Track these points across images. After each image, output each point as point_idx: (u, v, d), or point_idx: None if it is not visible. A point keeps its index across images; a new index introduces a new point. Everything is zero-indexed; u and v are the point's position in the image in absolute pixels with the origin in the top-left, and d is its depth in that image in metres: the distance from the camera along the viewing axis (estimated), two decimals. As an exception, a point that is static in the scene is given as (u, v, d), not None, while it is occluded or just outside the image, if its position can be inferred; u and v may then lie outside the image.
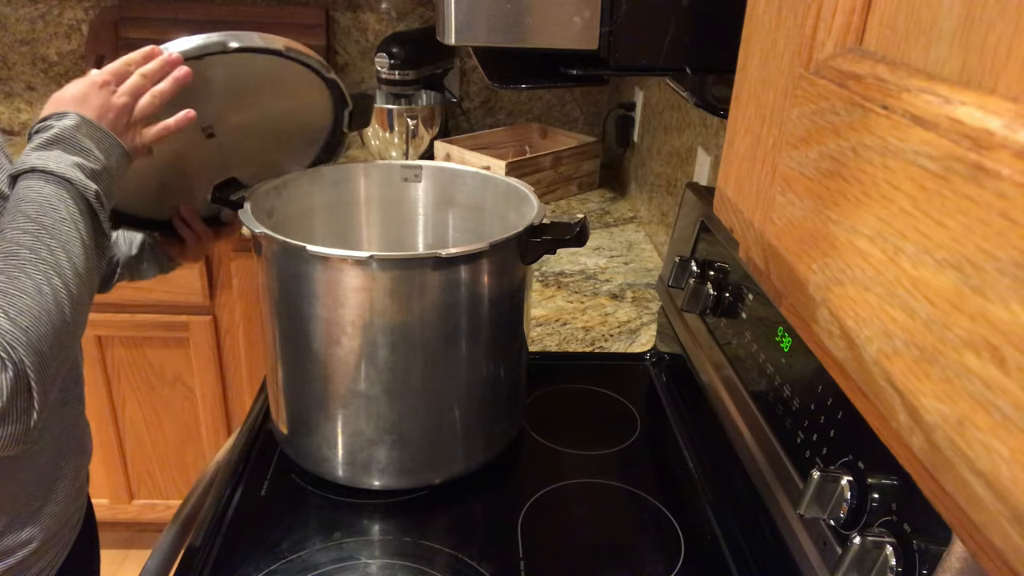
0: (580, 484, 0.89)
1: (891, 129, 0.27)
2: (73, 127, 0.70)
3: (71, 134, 0.69)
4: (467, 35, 0.63)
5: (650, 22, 0.64)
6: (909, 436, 0.26)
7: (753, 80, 0.41)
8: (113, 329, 1.68)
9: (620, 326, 1.22)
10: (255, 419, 0.98)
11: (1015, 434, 0.20)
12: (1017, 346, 0.20)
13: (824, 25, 0.33)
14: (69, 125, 0.70)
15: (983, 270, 0.22)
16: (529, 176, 1.67)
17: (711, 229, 0.90)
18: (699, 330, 0.90)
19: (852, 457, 0.55)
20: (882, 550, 0.48)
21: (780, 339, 0.70)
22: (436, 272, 0.73)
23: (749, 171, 0.41)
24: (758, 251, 0.40)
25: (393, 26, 2.04)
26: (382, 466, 0.82)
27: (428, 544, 0.78)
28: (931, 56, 0.26)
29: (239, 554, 0.77)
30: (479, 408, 0.83)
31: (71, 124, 0.70)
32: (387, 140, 1.88)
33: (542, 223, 0.81)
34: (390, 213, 1.01)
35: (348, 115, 0.96)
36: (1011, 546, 0.21)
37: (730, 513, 0.81)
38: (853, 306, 0.29)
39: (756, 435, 0.72)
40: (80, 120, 0.70)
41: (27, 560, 0.75)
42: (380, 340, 0.75)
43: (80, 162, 0.69)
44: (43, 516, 0.76)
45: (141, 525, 1.94)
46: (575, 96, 2.14)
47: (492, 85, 0.75)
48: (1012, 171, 0.20)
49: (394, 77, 1.78)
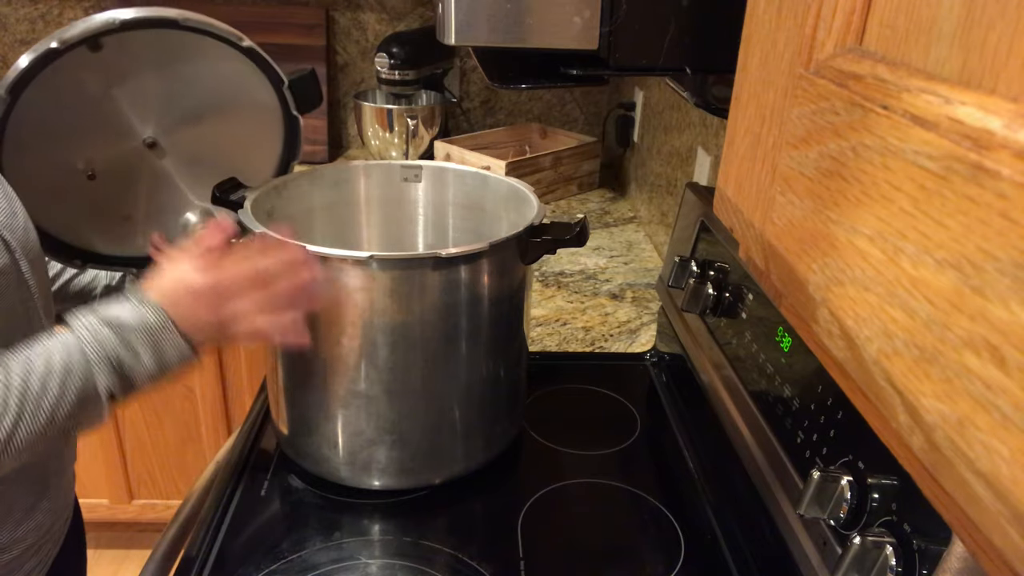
0: (580, 484, 0.89)
1: (891, 129, 0.27)
2: (157, 327, 0.63)
3: (141, 332, 0.63)
4: (467, 35, 0.63)
5: (650, 22, 0.64)
6: (909, 436, 0.26)
7: (753, 80, 0.41)
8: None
9: (620, 326, 1.22)
10: (255, 419, 0.98)
11: (1015, 434, 0.20)
12: (1017, 346, 0.20)
13: (824, 25, 0.33)
14: (151, 322, 0.63)
15: (983, 270, 0.22)
16: (529, 176, 1.67)
17: (711, 229, 0.90)
18: (699, 330, 0.90)
19: (852, 457, 0.55)
20: (882, 550, 0.48)
21: (780, 339, 0.70)
22: (436, 272, 0.73)
23: (749, 171, 0.41)
24: (758, 251, 0.40)
25: (393, 26, 2.04)
26: (382, 466, 0.82)
27: (428, 544, 0.78)
28: (931, 56, 0.26)
29: (239, 554, 0.77)
30: (479, 408, 0.83)
31: (153, 322, 0.63)
32: (387, 140, 1.88)
33: (542, 223, 0.81)
34: (390, 213, 1.01)
35: (290, 94, 0.88)
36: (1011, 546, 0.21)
37: (730, 513, 0.81)
38: (853, 306, 0.29)
39: (756, 435, 0.72)
40: (165, 322, 0.63)
41: (22, 556, 0.75)
42: (380, 340, 0.75)
43: (123, 363, 0.63)
44: (38, 512, 0.76)
45: (141, 525, 1.94)
46: (575, 96, 2.14)
47: (492, 85, 0.75)
48: (1012, 171, 0.20)
49: (394, 77, 1.78)
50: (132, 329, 0.63)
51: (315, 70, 0.91)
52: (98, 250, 0.91)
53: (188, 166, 0.91)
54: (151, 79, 0.83)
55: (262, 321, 0.66)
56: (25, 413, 0.59)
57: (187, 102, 0.86)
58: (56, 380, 0.60)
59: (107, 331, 0.63)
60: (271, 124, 0.92)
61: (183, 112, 0.87)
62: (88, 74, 0.79)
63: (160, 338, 0.63)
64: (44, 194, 0.83)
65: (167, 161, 0.89)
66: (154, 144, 0.86)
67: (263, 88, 0.88)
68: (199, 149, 0.91)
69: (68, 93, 0.79)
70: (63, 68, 0.74)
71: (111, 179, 0.86)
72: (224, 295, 0.65)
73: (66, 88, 0.78)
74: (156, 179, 0.90)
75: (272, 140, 0.94)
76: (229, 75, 0.86)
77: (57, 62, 0.73)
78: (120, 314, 0.63)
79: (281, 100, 0.89)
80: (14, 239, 0.69)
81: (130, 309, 0.63)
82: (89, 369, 0.62)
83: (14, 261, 0.69)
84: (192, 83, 0.86)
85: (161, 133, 0.87)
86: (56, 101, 0.79)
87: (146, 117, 0.85)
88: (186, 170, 0.91)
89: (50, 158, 0.82)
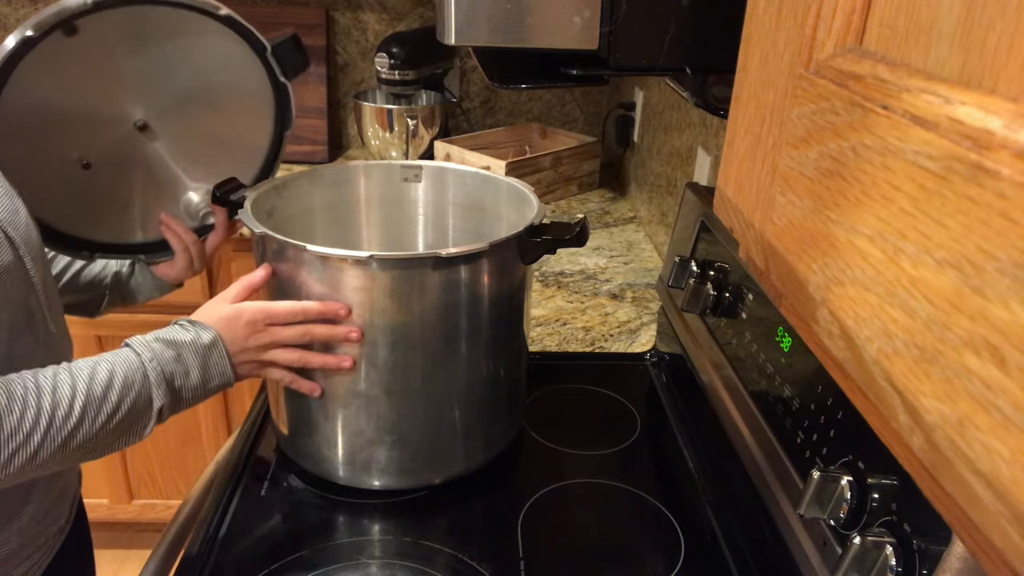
0: (580, 484, 0.89)
1: (891, 129, 0.27)
2: (208, 344, 0.71)
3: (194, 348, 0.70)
4: (467, 35, 0.63)
5: (650, 22, 0.64)
6: (909, 436, 0.26)
7: (753, 80, 0.41)
8: (113, 329, 1.68)
9: (620, 326, 1.22)
10: (255, 419, 0.98)
11: (1015, 434, 0.20)
12: (1017, 346, 0.20)
13: (824, 25, 0.33)
14: (203, 341, 0.70)
15: (983, 270, 0.22)
16: (529, 176, 1.67)
17: (711, 229, 0.90)
18: (699, 330, 0.90)
19: (852, 457, 0.55)
20: (882, 550, 0.48)
21: (780, 339, 0.70)
22: (436, 272, 0.73)
23: (749, 171, 0.41)
24: (758, 251, 0.40)
25: (393, 26, 2.04)
26: (382, 466, 0.82)
27: (428, 544, 0.78)
28: (931, 56, 0.26)
29: (239, 554, 0.77)
30: (479, 408, 0.83)
31: (206, 341, 0.71)
32: (387, 140, 1.88)
33: (542, 223, 0.81)
34: (390, 213, 1.01)
35: (275, 61, 0.87)
36: (1011, 546, 0.21)
37: (730, 513, 0.81)
38: (853, 306, 0.29)
39: (756, 435, 0.72)
40: (216, 340, 0.71)
41: (8, 562, 0.74)
42: (380, 340, 0.75)
43: (175, 379, 0.69)
44: (22, 517, 0.75)
45: (141, 525, 1.94)
46: (575, 96, 2.14)
47: (492, 85, 0.75)
48: (1012, 171, 0.20)
49: (394, 77, 1.78)
50: (185, 345, 0.69)
51: (298, 34, 0.89)
52: (104, 239, 0.91)
53: (182, 146, 0.90)
54: (133, 61, 0.82)
55: (294, 355, 0.75)
56: (87, 418, 0.64)
57: (173, 81, 0.85)
58: (116, 392, 0.65)
59: (163, 348, 0.68)
60: (261, 96, 0.91)
61: (170, 92, 0.86)
62: (68, 61, 0.78)
63: (208, 356, 0.70)
64: (43, 188, 0.83)
65: (161, 144, 0.88)
66: (145, 127, 0.86)
67: (248, 59, 0.87)
68: (191, 128, 0.90)
69: (51, 83, 0.78)
70: (42, 57, 0.74)
71: (107, 167, 0.86)
72: (267, 321, 0.73)
73: (48, 78, 0.77)
74: (152, 163, 0.89)
75: (264, 112, 0.93)
76: (212, 50, 0.85)
77: (35, 51, 0.72)
78: (176, 335, 0.70)
79: (267, 68, 0.88)
80: (17, 235, 0.69)
81: (184, 330, 0.71)
82: (148, 385, 0.67)
83: (18, 257, 0.69)
84: (175, 61, 0.85)
85: (151, 115, 0.86)
86: (40, 92, 0.78)
87: (133, 100, 0.84)
88: (181, 151, 0.91)
89: (43, 151, 0.82)
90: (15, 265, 0.68)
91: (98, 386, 0.65)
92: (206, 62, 0.86)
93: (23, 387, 0.62)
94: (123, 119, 0.83)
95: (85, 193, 0.87)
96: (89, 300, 0.96)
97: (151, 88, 0.84)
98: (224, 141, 0.91)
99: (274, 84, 0.90)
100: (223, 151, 0.90)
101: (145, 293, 0.97)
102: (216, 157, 0.92)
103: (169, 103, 0.87)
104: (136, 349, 0.68)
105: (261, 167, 0.97)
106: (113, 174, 0.87)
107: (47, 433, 0.62)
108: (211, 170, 0.92)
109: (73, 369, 0.65)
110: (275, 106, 0.92)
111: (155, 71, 0.84)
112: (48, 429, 0.62)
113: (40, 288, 0.72)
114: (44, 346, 0.74)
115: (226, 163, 0.93)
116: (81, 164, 0.85)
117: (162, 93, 0.85)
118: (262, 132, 0.94)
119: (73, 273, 0.93)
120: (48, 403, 0.62)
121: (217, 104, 0.90)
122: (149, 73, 0.83)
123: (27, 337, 0.71)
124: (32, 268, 0.71)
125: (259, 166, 0.97)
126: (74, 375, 0.65)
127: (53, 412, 0.62)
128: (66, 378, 0.64)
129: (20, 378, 0.63)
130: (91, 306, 0.96)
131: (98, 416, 0.65)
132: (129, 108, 0.84)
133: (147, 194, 0.92)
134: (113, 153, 0.85)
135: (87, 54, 0.78)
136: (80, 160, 0.85)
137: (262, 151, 0.95)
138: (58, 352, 0.77)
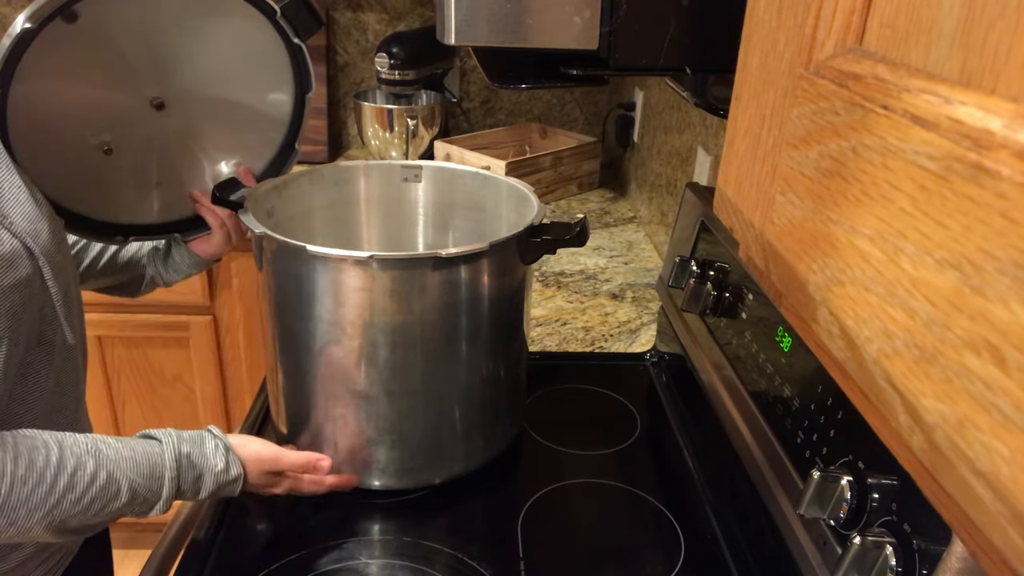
0: (580, 484, 0.89)
1: (891, 129, 0.27)
2: (233, 479, 0.75)
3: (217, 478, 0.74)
4: (467, 35, 0.63)
5: (650, 22, 0.64)
6: (909, 436, 0.26)
7: (753, 80, 0.41)
8: (113, 329, 1.68)
9: (620, 326, 1.22)
10: (255, 419, 0.98)
11: (1015, 434, 0.20)
12: (1017, 346, 0.20)
13: (824, 25, 0.33)
14: (232, 475, 0.75)
15: (983, 270, 0.22)
16: (529, 176, 1.67)
17: (711, 229, 0.90)
18: (699, 330, 0.90)
19: (852, 457, 0.55)
20: (882, 550, 0.48)
21: (780, 339, 0.70)
22: (436, 272, 0.73)
23: (749, 171, 0.41)
24: (758, 251, 0.40)
25: (393, 26, 2.04)
26: (382, 466, 0.82)
27: (428, 544, 0.78)
28: (931, 56, 0.26)
29: (239, 554, 0.77)
30: (479, 408, 0.83)
31: (233, 475, 0.75)
32: (387, 140, 1.88)
33: (542, 223, 0.81)
34: (390, 213, 1.01)
35: (286, 22, 0.86)
36: (1011, 546, 0.21)
37: (730, 513, 0.81)
38: (853, 306, 0.29)
39: (756, 435, 0.71)
40: (240, 476, 0.76)
41: (25, 565, 0.74)
42: (380, 340, 0.75)
43: (185, 492, 0.73)
44: None
45: (141, 525, 1.94)
46: (575, 96, 2.14)
47: (492, 85, 0.75)
48: (1012, 171, 0.20)
49: (394, 77, 1.78)
50: (209, 471, 0.73)
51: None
52: (137, 222, 0.91)
53: (204, 122, 0.90)
54: (138, 40, 0.81)
55: (289, 487, 0.81)
56: (91, 508, 0.67)
57: (183, 56, 0.85)
58: (124, 496, 0.68)
59: (188, 467, 0.72)
60: (277, 62, 0.91)
61: (181, 67, 0.85)
62: (73, 48, 0.77)
63: (225, 486, 0.75)
64: (68, 179, 0.83)
65: (181, 121, 0.88)
66: (162, 105, 0.85)
67: (258, 27, 0.86)
68: (211, 103, 0.90)
69: (59, 72, 0.78)
70: (45, 48, 0.73)
71: (129, 150, 0.85)
72: (278, 468, 0.79)
73: (56, 68, 0.77)
74: (175, 141, 0.89)
75: (283, 78, 0.92)
76: (220, 22, 0.84)
77: (37, 41, 0.71)
78: (207, 459, 0.74)
79: (280, 32, 0.88)
80: (37, 246, 0.68)
81: (218, 454, 0.74)
82: (157, 498, 0.71)
83: (37, 269, 0.68)
84: (183, 35, 0.84)
85: (166, 92, 0.85)
86: (50, 83, 0.77)
87: (146, 80, 0.84)
88: (203, 126, 0.90)
89: (63, 142, 0.81)
90: (34, 277, 0.68)
91: (112, 485, 0.67)
92: (215, 35, 0.85)
93: (45, 455, 0.64)
94: (139, 100, 0.83)
95: (111, 178, 0.87)
96: (130, 280, 0.97)
97: (161, 65, 0.84)
98: (247, 112, 0.91)
99: (288, 47, 0.89)
100: (247, 122, 0.89)
101: (184, 270, 0.97)
102: (241, 128, 0.92)
103: (184, 80, 0.86)
104: (165, 461, 0.71)
105: (286, 133, 0.96)
106: (137, 156, 0.87)
107: (50, 512, 0.64)
108: (237, 141, 0.92)
109: (100, 457, 0.67)
110: (292, 71, 0.92)
111: (162, 48, 0.83)
112: (52, 509, 0.64)
113: (58, 298, 0.72)
114: (59, 358, 0.74)
115: (251, 133, 0.92)
116: (103, 150, 0.85)
117: (176, 71, 0.85)
118: (283, 98, 0.94)
119: (111, 255, 0.94)
120: (63, 484, 0.65)
121: (233, 76, 0.89)
122: (156, 50, 0.83)
123: (41, 348, 0.71)
124: (51, 279, 0.70)
125: (284, 132, 0.96)
126: (98, 464, 0.67)
127: (63, 495, 0.65)
128: (89, 462, 0.67)
129: (45, 447, 0.65)
130: (132, 286, 0.97)
131: (103, 510, 0.67)
132: (143, 89, 0.83)
133: (174, 173, 0.92)
134: (134, 136, 0.84)
135: (92, 39, 0.77)
136: (102, 146, 0.85)
137: (285, 118, 0.94)
138: (69, 367, 0.77)
